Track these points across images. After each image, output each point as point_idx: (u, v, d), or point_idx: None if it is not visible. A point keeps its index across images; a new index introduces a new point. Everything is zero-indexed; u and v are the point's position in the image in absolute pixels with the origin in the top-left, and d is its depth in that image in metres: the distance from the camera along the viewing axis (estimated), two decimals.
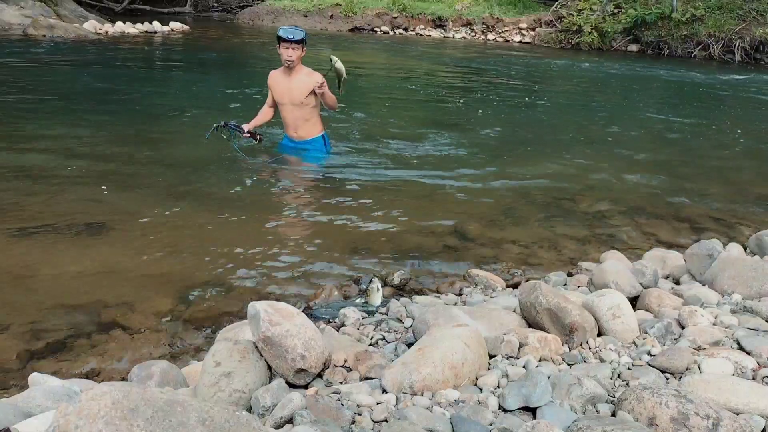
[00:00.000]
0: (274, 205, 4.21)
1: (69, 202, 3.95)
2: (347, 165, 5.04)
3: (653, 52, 16.49)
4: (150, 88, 8.42)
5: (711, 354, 2.10)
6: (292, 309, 1.95)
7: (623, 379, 1.95)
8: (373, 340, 2.37)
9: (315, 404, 1.66)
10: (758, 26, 15.59)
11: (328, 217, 3.94)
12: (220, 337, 2.28)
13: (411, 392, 1.79)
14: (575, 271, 3.29)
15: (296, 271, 3.23)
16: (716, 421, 1.58)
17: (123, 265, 3.16)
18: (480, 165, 5.42)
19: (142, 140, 5.56)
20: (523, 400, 1.74)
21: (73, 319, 2.66)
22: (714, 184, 5.23)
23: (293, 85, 4.66)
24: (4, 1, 13.67)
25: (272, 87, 4.82)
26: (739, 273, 2.82)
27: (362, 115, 7.11)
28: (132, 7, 19.44)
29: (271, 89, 4.84)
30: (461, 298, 2.94)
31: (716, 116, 8.87)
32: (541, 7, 19.82)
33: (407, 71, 11.84)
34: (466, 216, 4.13)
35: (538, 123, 7.53)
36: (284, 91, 4.71)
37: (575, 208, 4.43)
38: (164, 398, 1.32)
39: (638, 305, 2.68)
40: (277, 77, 4.78)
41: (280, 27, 4.63)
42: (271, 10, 19.88)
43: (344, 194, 4.39)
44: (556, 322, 2.21)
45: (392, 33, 18.98)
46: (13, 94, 7.19)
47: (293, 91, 4.67)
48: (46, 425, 1.48)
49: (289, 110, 4.77)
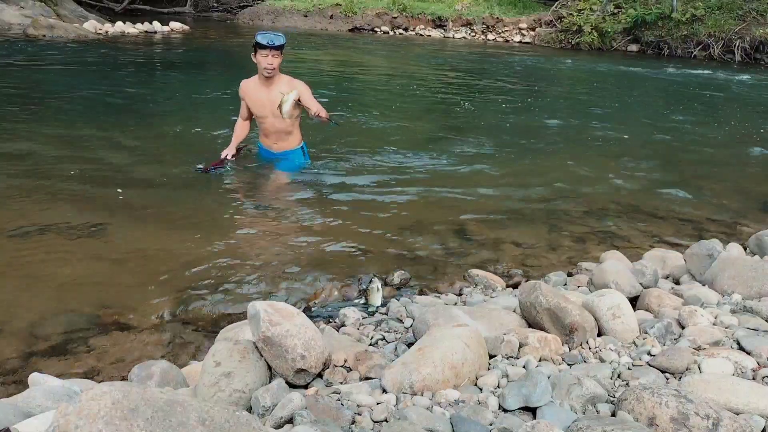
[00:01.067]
0: (273, 206, 4.20)
1: (69, 203, 3.95)
2: (347, 165, 5.04)
3: (653, 52, 16.48)
4: (150, 88, 8.42)
5: (711, 354, 2.10)
6: (292, 309, 1.95)
7: (623, 379, 1.95)
8: (373, 340, 2.37)
9: (315, 404, 1.66)
10: (758, 26, 15.58)
11: (328, 218, 3.94)
12: (220, 337, 2.28)
13: (411, 392, 1.79)
14: (575, 271, 3.29)
15: (296, 271, 3.23)
16: (716, 421, 1.58)
17: (123, 265, 3.16)
18: (480, 165, 5.41)
19: (142, 140, 5.56)
20: (523, 400, 1.74)
21: (73, 319, 2.66)
22: (714, 184, 5.22)
23: (275, 97, 4.29)
24: (4, 1, 13.68)
25: (248, 99, 4.48)
26: (739, 273, 2.82)
27: (362, 115, 7.12)
28: (132, 7, 19.44)
29: (247, 101, 4.49)
30: (461, 298, 2.94)
31: (716, 116, 8.87)
32: (541, 7, 19.82)
33: (407, 71, 11.84)
34: (466, 216, 4.13)
35: (538, 123, 7.53)
36: (264, 103, 4.38)
37: (575, 208, 4.43)
38: (164, 398, 1.32)
39: (638, 305, 2.68)
40: (254, 88, 4.43)
41: (258, 33, 4.27)
42: (271, 10, 19.87)
43: (344, 195, 4.39)
44: (556, 322, 2.21)
45: (392, 33, 18.98)
46: (13, 94, 7.19)
47: (276, 103, 4.27)
48: (46, 425, 1.48)
49: (272, 123, 4.44)
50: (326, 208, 4.10)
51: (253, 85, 4.44)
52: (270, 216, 3.98)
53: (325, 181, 4.66)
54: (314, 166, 4.89)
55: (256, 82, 4.42)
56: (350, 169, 4.93)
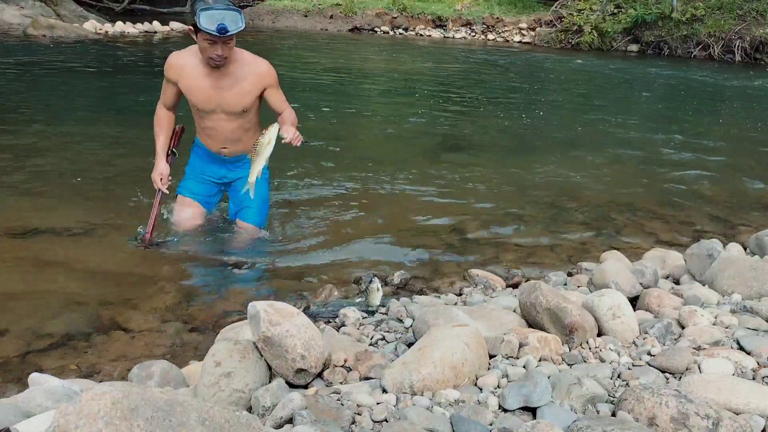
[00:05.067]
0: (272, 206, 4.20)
1: (70, 203, 3.95)
2: (346, 165, 5.04)
3: (653, 52, 16.47)
4: (150, 88, 8.41)
5: (711, 354, 2.10)
6: (292, 309, 1.95)
7: (623, 379, 1.95)
8: (373, 340, 2.37)
9: (315, 404, 1.66)
10: (758, 26, 15.57)
11: (327, 218, 3.94)
12: (220, 337, 2.28)
13: (411, 392, 1.79)
14: (575, 271, 3.29)
15: (296, 271, 3.23)
16: (716, 421, 1.58)
17: (123, 265, 3.16)
18: (480, 165, 5.41)
19: (143, 140, 5.55)
20: (523, 400, 1.74)
21: (73, 318, 2.66)
22: (714, 184, 5.22)
23: (228, 87, 3.04)
24: (4, 1, 13.67)
25: (185, 86, 3.07)
26: (739, 273, 2.82)
27: (361, 115, 7.12)
28: (132, 7, 19.42)
29: (183, 88, 3.09)
30: (461, 298, 2.94)
31: (716, 116, 8.87)
32: (541, 7, 19.80)
33: (407, 71, 11.83)
34: (466, 216, 4.13)
35: (538, 123, 7.53)
36: (211, 96, 3.04)
37: (575, 207, 4.43)
38: (164, 398, 1.32)
39: (638, 305, 2.68)
40: (194, 72, 3.03)
41: (200, 7, 2.79)
42: (271, 10, 19.86)
43: (342, 195, 4.39)
44: (556, 322, 2.21)
45: (392, 33, 18.96)
46: (13, 94, 7.18)
47: (228, 98, 3.05)
48: (46, 425, 1.48)
49: (220, 120, 3.12)
50: (326, 208, 4.10)
51: (192, 68, 3.04)
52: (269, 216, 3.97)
53: (323, 183, 4.65)
54: (313, 165, 4.89)
55: (197, 65, 3.03)
56: (349, 169, 4.92)
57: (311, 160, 5.07)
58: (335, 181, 4.66)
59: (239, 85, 3.04)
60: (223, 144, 3.21)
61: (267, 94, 3.12)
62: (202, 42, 2.88)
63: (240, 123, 3.15)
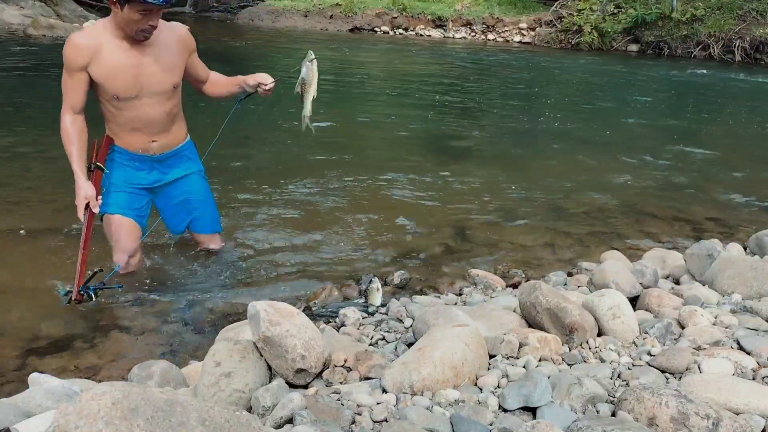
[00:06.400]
0: (272, 206, 4.20)
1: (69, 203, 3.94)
2: (346, 164, 5.04)
3: (653, 52, 16.47)
4: None
5: (711, 354, 2.10)
6: (292, 309, 1.95)
7: (623, 379, 1.95)
8: (373, 340, 2.37)
9: (315, 404, 1.66)
10: (758, 26, 15.57)
11: (327, 218, 3.94)
12: (220, 337, 2.28)
13: (411, 392, 1.79)
14: (575, 271, 3.29)
15: (296, 271, 3.23)
16: (716, 421, 1.58)
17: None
18: (480, 165, 5.42)
19: None
20: (523, 400, 1.74)
21: (73, 319, 2.66)
22: (714, 184, 5.22)
23: (153, 62, 2.61)
24: (4, 1, 13.67)
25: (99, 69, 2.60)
26: (739, 273, 2.82)
27: (361, 114, 7.12)
28: None
29: (97, 75, 2.62)
30: (461, 298, 2.94)
31: (716, 116, 8.87)
32: (541, 7, 19.80)
33: (407, 71, 11.83)
34: (466, 216, 4.13)
35: (538, 123, 7.53)
36: (136, 76, 2.60)
37: (575, 208, 4.43)
38: (164, 398, 1.32)
39: (638, 305, 2.68)
40: (112, 52, 2.57)
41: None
42: (271, 10, 19.86)
43: (342, 194, 4.39)
44: (556, 322, 2.21)
45: (392, 33, 18.96)
46: (13, 94, 7.18)
47: (156, 74, 2.63)
48: (46, 425, 1.48)
49: (144, 107, 2.68)
50: (324, 210, 4.10)
51: (109, 46, 2.57)
52: (269, 216, 3.97)
53: (322, 183, 4.65)
54: (313, 165, 4.89)
55: (113, 41, 2.57)
56: (349, 169, 4.92)
57: (311, 160, 5.07)
58: (335, 180, 4.65)
59: (165, 56, 2.64)
60: (151, 137, 2.75)
61: (192, 61, 2.78)
62: (132, 14, 2.47)
63: (169, 107, 2.74)
